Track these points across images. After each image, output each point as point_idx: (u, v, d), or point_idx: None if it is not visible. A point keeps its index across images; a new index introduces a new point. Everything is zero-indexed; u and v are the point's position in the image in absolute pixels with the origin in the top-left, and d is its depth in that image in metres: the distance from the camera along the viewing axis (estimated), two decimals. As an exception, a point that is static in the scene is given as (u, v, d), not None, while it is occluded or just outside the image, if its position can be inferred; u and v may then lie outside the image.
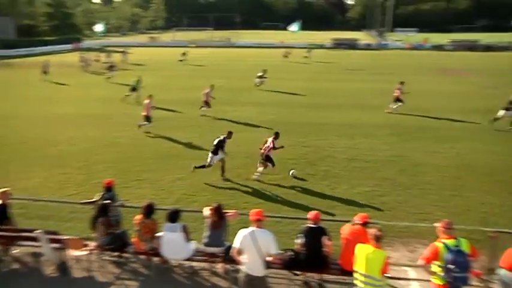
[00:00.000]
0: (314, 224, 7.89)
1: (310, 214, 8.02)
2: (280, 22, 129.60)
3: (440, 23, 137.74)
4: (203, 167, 14.24)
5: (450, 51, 73.19)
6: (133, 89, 27.20)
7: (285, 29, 73.39)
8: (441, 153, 17.19)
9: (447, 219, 6.93)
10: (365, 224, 7.71)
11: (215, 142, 14.14)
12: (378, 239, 6.48)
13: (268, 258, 6.93)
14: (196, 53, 60.59)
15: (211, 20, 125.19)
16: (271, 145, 14.18)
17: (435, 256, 6.55)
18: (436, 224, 6.95)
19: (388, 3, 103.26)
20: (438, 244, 6.59)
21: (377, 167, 15.51)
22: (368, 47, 78.18)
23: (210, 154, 14.17)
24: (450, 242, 6.54)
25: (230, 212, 8.66)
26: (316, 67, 48.12)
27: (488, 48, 76.04)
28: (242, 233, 6.93)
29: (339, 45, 78.33)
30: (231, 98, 28.08)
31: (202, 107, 23.54)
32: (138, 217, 8.52)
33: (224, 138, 14.21)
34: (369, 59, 58.00)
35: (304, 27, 74.54)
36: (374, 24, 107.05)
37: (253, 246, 6.78)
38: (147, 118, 20.11)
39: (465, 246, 6.53)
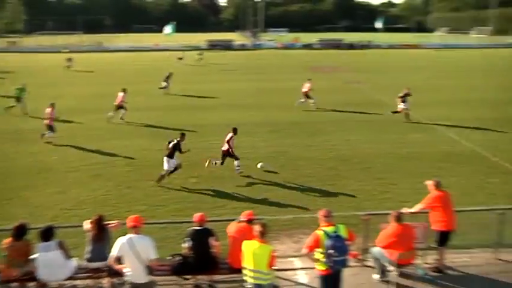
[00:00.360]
0: (200, 226, 7.90)
1: (195, 216, 8.01)
2: (153, 24, 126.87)
3: (308, 23, 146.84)
4: (163, 176, 14.02)
5: (319, 50, 78.07)
6: (18, 99, 24.74)
7: (159, 31, 71.75)
8: (316, 146, 18.30)
9: (326, 208, 7.39)
10: (250, 221, 7.90)
11: (170, 146, 14.05)
12: (262, 234, 6.69)
13: (152, 264, 6.91)
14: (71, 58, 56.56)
15: (79, 23, 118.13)
16: (233, 140, 14.83)
17: (317, 244, 6.94)
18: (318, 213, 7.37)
19: (259, 4, 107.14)
20: (319, 232, 6.99)
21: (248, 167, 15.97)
22: (243, 48, 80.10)
23: (166, 158, 13.97)
24: (329, 229, 6.98)
25: (112, 223, 8.30)
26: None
27: (351, 46, 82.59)
28: (120, 241, 6.90)
29: (214, 46, 78.85)
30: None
31: (114, 112, 22.63)
32: (7, 240, 7.73)
33: (178, 141, 14.13)
34: (244, 59, 59.50)
35: (178, 29, 73.78)
36: (247, 25, 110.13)
37: (131, 253, 6.77)
38: (50, 127, 18.78)
39: (343, 232, 7.01)
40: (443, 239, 8.62)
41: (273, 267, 6.79)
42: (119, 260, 6.86)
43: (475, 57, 62.74)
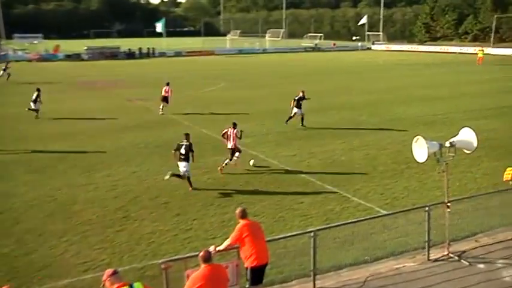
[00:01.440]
0: None
1: None
2: None
3: (69, 27, 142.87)
4: (179, 176, 16.91)
5: (89, 61, 76.86)
6: None
7: None
8: (95, 184, 17.72)
9: (110, 269, 7.17)
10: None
11: (182, 151, 16.73)
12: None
13: None
14: None
15: None
16: (237, 135, 18.76)
17: (108, 312, 6.66)
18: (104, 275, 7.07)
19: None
20: (109, 301, 6.72)
21: (16, 217, 14.81)
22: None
23: (183, 163, 16.77)
24: (124, 291, 6.75)
25: None
26: None
27: (130, 55, 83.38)
28: None
29: None
30: None
31: None
32: None
33: (188, 142, 16.88)
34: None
35: None
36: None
37: None
38: None
39: (139, 291, 6.86)
40: (257, 276, 9.13)
41: None
42: None
43: (270, 63, 69.35)
